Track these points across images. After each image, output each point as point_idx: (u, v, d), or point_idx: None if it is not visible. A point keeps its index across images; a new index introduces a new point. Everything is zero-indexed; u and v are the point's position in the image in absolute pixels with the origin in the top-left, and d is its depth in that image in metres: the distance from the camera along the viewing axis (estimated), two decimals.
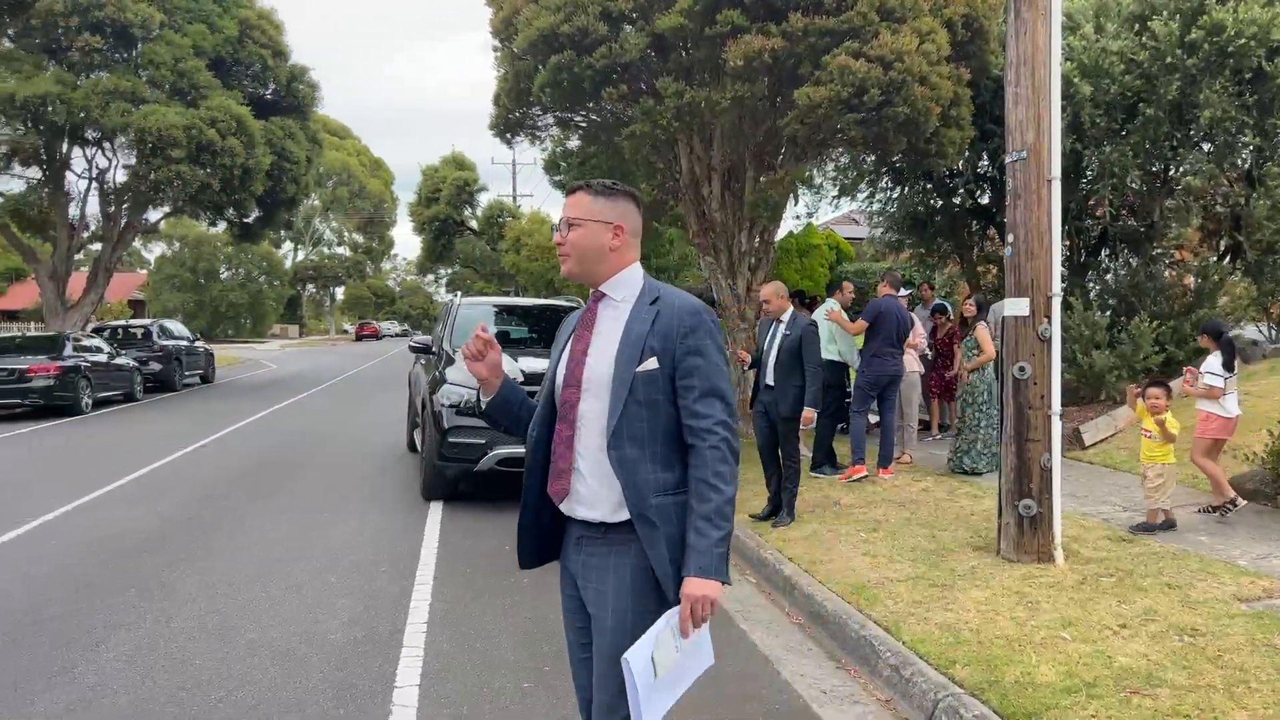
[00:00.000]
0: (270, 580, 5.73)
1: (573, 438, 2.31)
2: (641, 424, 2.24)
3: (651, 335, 2.26)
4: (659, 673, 2.18)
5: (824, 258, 29.80)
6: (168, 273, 58.14)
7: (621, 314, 2.33)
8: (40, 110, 18.55)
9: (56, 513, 7.73)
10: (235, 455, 10.95)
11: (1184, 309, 11.25)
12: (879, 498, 7.51)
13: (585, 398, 2.30)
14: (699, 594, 2.16)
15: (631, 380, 2.24)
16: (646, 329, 2.26)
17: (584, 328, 2.38)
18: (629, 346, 2.27)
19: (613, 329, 2.32)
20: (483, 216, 39.95)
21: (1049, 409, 5.56)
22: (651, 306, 2.31)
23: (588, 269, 2.37)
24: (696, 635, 2.23)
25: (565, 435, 2.32)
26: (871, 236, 15.11)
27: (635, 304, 2.34)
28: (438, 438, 7.67)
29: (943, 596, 4.95)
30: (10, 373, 15.39)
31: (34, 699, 3.92)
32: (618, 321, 2.33)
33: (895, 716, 3.92)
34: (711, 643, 2.30)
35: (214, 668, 4.27)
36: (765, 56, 7.99)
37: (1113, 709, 3.50)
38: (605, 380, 2.28)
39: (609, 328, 2.33)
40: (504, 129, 10.39)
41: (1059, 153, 5.62)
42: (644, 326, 2.27)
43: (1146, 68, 10.08)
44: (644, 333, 2.26)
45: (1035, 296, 5.57)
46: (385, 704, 3.86)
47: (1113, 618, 4.52)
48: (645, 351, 2.25)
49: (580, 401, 2.31)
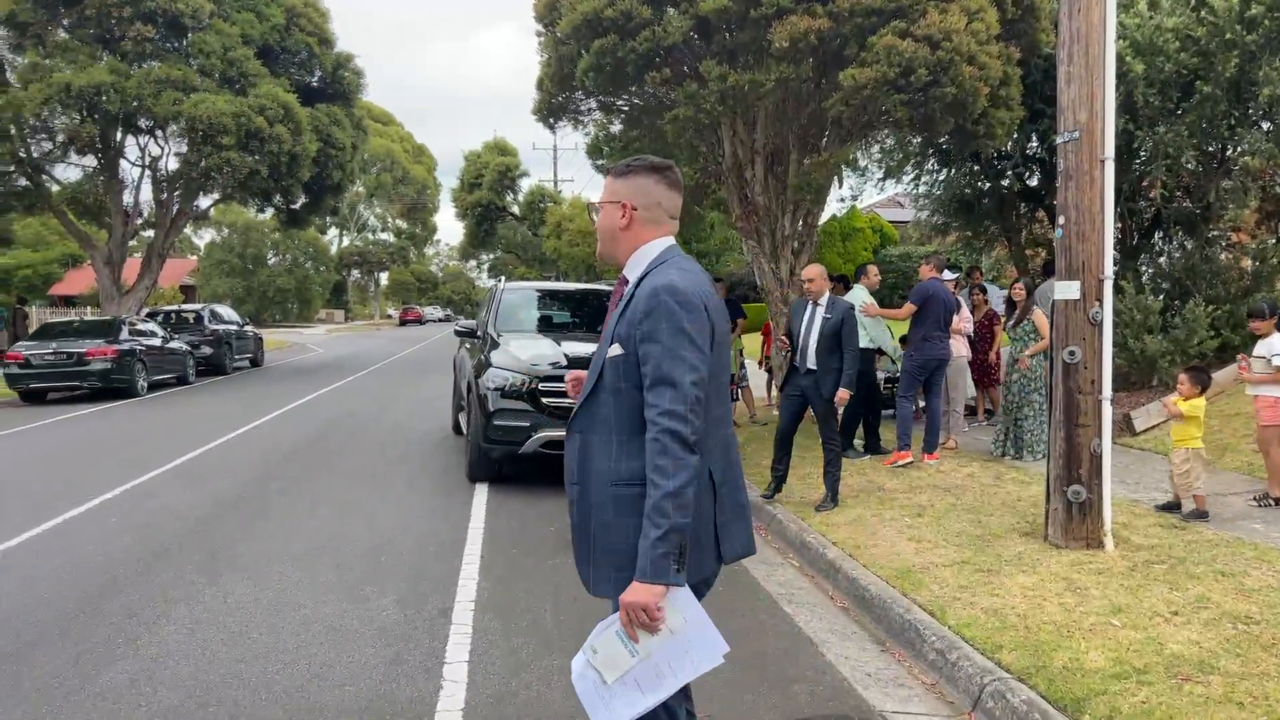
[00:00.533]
0: (321, 559, 5.86)
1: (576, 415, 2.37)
2: (606, 410, 2.22)
3: (620, 321, 2.23)
4: (608, 677, 2.14)
5: (867, 241, 29.55)
6: (217, 258, 59.26)
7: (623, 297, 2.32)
8: (95, 100, 18.97)
9: (116, 491, 7.97)
10: (285, 437, 11.18)
11: (1240, 293, 10.98)
12: (924, 483, 7.46)
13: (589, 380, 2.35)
14: (631, 599, 2.08)
15: (601, 366, 2.24)
16: (619, 314, 2.25)
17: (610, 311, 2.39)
18: (606, 333, 2.29)
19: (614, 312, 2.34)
20: (524, 202, 40.14)
21: (1099, 394, 5.47)
22: (635, 289, 2.26)
23: (608, 250, 2.39)
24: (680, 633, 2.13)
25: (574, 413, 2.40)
26: (917, 220, 14.92)
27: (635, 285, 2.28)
28: (483, 421, 7.77)
29: (989, 582, 4.92)
30: (69, 356, 15.85)
31: (100, 670, 4.07)
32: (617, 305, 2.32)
33: (941, 700, 3.92)
34: (718, 634, 2.19)
35: (270, 641, 4.39)
36: (811, 37, 7.91)
37: (1163, 695, 3.47)
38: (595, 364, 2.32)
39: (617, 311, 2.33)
40: (547, 113, 10.42)
41: (1113, 133, 5.50)
42: (618, 311, 2.26)
43: (1204, 44, 9.81)
44: (615, 318, 2.26)
45: (1086, 279, 5.48)
46: (436, 679, 3.95)
47: (1164, 605, 4.46)
48: (613, 338, 2.24)
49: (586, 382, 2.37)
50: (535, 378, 7.66)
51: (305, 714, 3.62)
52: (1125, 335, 10.07)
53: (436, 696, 3.78)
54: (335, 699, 3.76)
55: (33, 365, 15.73)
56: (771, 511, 6.84)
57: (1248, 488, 7.06)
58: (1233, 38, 9.57)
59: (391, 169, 67.55)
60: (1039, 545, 5.59)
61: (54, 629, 4.60)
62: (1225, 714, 3.31)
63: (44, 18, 19.56)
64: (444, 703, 3.72)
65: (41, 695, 3.81)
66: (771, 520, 6.77)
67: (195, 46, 20.45)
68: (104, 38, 20.11)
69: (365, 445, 10.50)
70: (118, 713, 3.64)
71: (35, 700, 3.76)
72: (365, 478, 8.55)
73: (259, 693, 3.81)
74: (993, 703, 3.67)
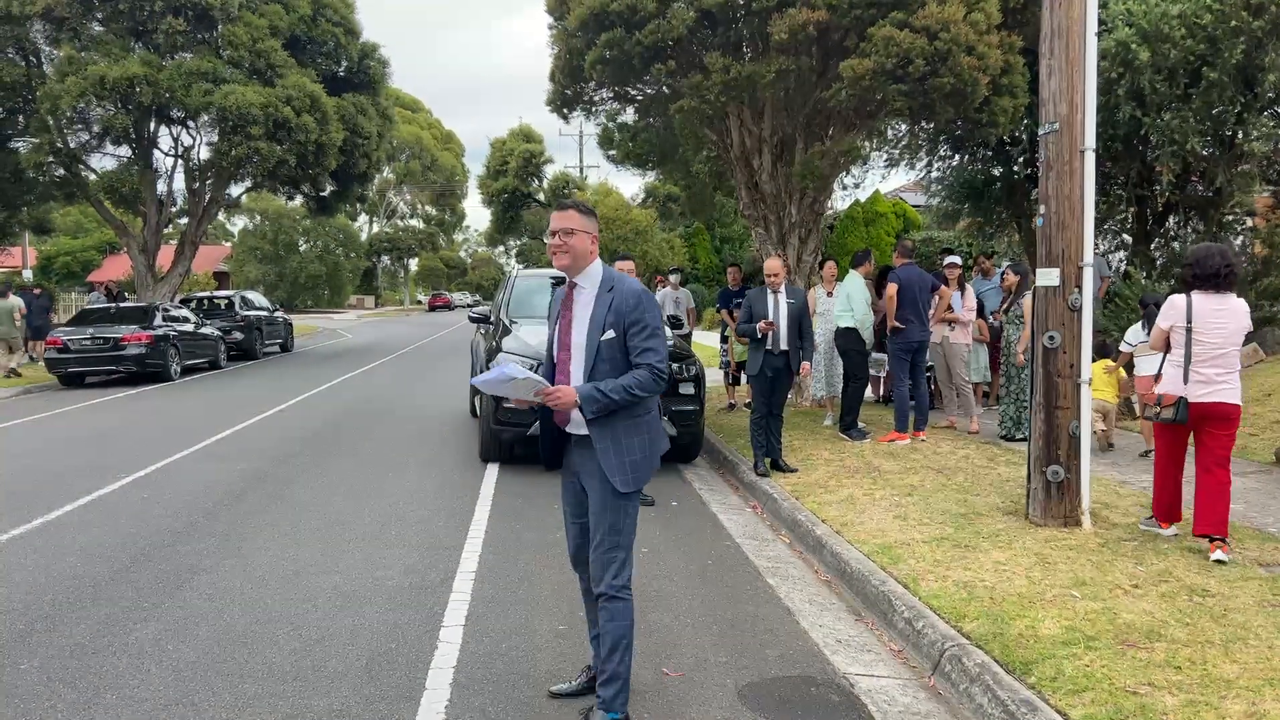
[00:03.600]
0: (336, 531, 6.22)
1: (566, 384, 3.40)
2: (607, 374, 3.34)
3: (609, 314, 3.36)
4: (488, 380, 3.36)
5: (890, 226, 29.47)
6: (251, 245, 60.18)
7: (589, 299, 3.43)
8: (129, 92, 19.47)
9: (149, 469, 8.40)
10: (309, 419, 11.59)
11: (1251, 277, 11.02)
12: (919, 464, 7.67)
13: (572, 356, 3.44)
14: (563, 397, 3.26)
15: (597, 346, 3.37)
16: (605, 310, 3.37)
17: (565, 308, 3.50)
18: (595, 324, 3.38)
19: (584, 309, 3.43)
20: (549, 188, 40.41)
21: (1078, 378, 5.67)
22: (609, 294, 3.38)
23: (577, 264, 3.42)
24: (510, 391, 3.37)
25: (562, 382, 3.44)
26: (929, 205, 15.01)
27: (597, 291, 3.42)
28: (493, 404, 8.08)
29: (964, 557, 5.15)
30: (106, 341, 16.40)
31: (130, 629, 4.44)
32: (587, 304, 3.42)
33: (904, 665, 4.17)
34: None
35: (282, 607, 4.73)
36: (810, 29, 8.09)
37: (1106, 659, 3.69)
38: (582, 346, 3.42)
39: (582, 308, 3.44)
40: (560, 104, 10.68)
41: (1093, 124, 5.66)
42: (603, 309, 3.38)
43: (1211, 30, 9.84)
44: (603, 313, 3.37)
45: (1066, 267, 5.66)
46: (432, 640, 4.27)
47: (1126, 578, 4.67)
48: (605, 326, 3.36)
49: (570, 360, 3.45)
50: (543, 362, 7.93)
51: (310, 670, 3.95)
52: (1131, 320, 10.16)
53: (431, 655, 4.09)
54: (339, 657, 4.09)
55: (70, 350, 16.30)
56: (767, 490, 7.10)
57: (1237, 470, 7.20)
58: (1239, 24, 9.61)
59: (420, 156, 68.04)
60: (1019, 524, 5.80)
61: (87, 595, 4.98)
62: (1162, 676, 3.53)
63: (79, 11, 20.09)
64: (437, 660, 4.04)
65: (75, 651, 4.18)
66: (766, 499, 7.03)
67: (224, 38, 20.89)
68: (136, 30, 20.63)
69: (385, 427, 10.88)
70: (142, 666, 4.00)
71: (71, 654, 4.13)
72: (383, 457, 8.91)
73: (268, 651, 4.15)
74: (950, 666, 3.92)
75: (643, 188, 36.51)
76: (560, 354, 3.48)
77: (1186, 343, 5.08)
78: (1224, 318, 5.06)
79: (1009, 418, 8.75)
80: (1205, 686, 3.43)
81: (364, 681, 3.83)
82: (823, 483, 7.16)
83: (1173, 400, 5.10)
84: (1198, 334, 5.05)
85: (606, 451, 3.34)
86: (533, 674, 3.91)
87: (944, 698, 3.81)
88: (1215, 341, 5.03)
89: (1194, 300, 5.11)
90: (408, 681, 3.83)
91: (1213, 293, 5.10)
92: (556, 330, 3.53)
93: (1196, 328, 5.06)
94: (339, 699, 3.67)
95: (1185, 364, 5.07)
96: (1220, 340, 5.04)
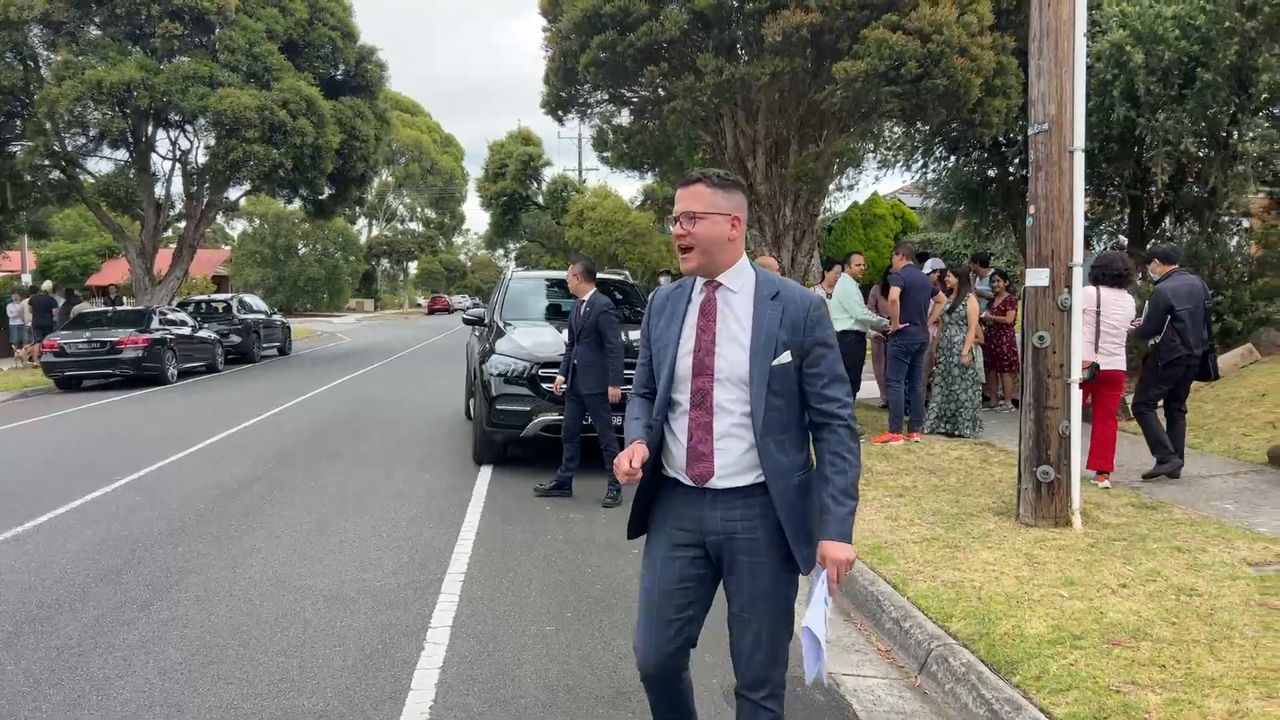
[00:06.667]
0: (328, 533, 6.22)
1: (710, 423, 2.44)
2: (778, 414, 2.41)
3: (782, 330, 2.40)
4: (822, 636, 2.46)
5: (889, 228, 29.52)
6: (249, 248, 60.23)
7: (744, 305, 2.45)
8: (126, 95, 19.49)
9: (143, 472, 8.40)
10: (304, 422, 11.59)
11: (1244, 277, 11.03)
12: (911, 465, 7.67)
13: (719, 387, 2.43)
14: (844, 557, 2.37)
15: (768, 374, 2.39)
16: (776, 325, 2.41)
17: (706, 317, 2.46)
18: (762, 341, 2.41)
19: (738, 321, 2.44)
20: (547, 191, 40.45)
21: (1067, 377, 5.67)
22: (775, 301, 2.43)
23: (711, 261, 2.44)
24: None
25: (704, 421, 2.44)
26: (926, 207, 15.03)
27: (755, 296, 2.45)
28: (486, 405, 8.09)
29: (953, 557, 5.15)
30: (103, 345, 16.41)
31: (117, 632, 4.44)
32: (742, 313, 2.44)
33: (892, 665, 4.17)
34: None
35: (270, 609, 4.73)
36: (804, 31, 8.11)
37: (1091, 658, 3.69)
38: (742, 372, 2.41)
39: (734, 319, 2.45)
40: (555, 106, 10.70)
41: (1082, 125, 5.67)
42: (774, 323, 2.41)
43: (1205, 31, 9.85)
44: (775, 329, 2.40)
45: (1055, 267, 5.66)
46: (419, 640, 4.27)
47: (1114, 578, 4.67)
48: (779, 346, 2.40)
49: (714, 390, 2.43)
50: (536, 364, 7.96)
51: (296, 672, 3.95)
52: None
53: (418, 656, 4.09)
54: (327, 658, 4.09)
55: (67, 354, 16.31)
56: None
57: (1229, 470, 7.21)
58: (1233, 25, 9.60)
59: (420, 159, 68.13)
60: (1010, 524, 5.80)
61: (75, 597, 4.98)
62: (1146, 675, 3.53)
63: (76, 16, 20.12)
64: (423, 661, 4.03)
65: (62, 652, 4.18)
66: None
67: (221, 42, 20.92)
68: (134, 34, 20.66)
69: (380, 429, 10.88)
70: (130, 668, 4.00)
71: (57, 656, 4.13)
72: (377, 460, 8.91)
73: (255, 653, 4.15)
74: (936, 666, 3.92)
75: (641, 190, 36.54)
76: (697, 382, 2.45)
77: (1096, 324, 6.56)
78: (1123, 306, 6.69)
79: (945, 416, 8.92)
80: (1189, 685, 3.42)
81: (350, 683, 3.83)
82: None
83: (1088, 365, 6.29)
84: (1103, 317, 6.60)
85: (794, 513, 2.43)
86: (519, 675, 3.91)
87: (930, 697, 3.81)
88: (1115, 323, 6.63)
89: (1101, 292, 6.63)
90: (393, 682, 3.83)
91: (1115, 288, 6.69)
92: (684, 345, 2.48)
93: (1104, 313, 6.60)
94: (323, 700, 3.67)
95: (1095, 339, 6.58)
96: (1118, 323, 6.65)
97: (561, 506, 6.94)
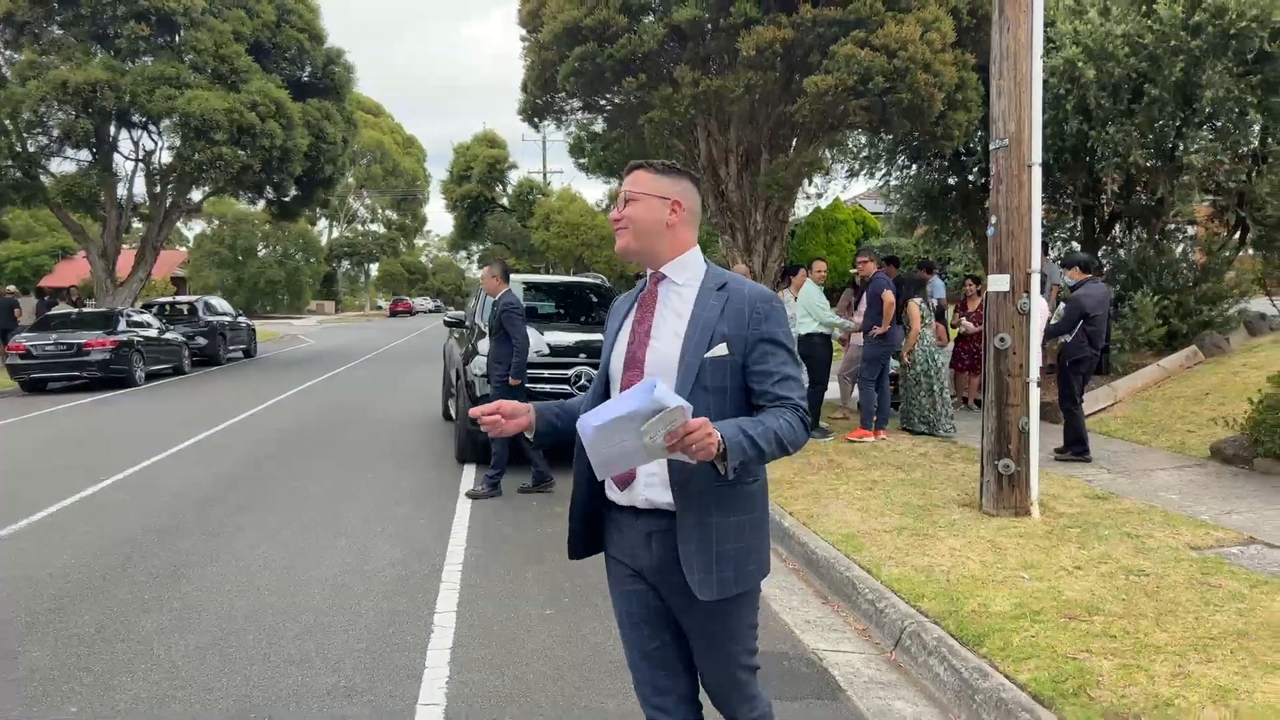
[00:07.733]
0: (323, 528, 6.43)
1: None
2: (707, 412, 2.06)
3: (721, 321, 2.18)
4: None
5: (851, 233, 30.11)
6: (208, 250, 59.50)
7: (685, 298, 2.25)
8: (91, 96, 19.36)
9: (127, 472, 8.51)
10: (283, 422, 11.71)
11: (1189, 283, 11.61)
12: (879, 460, 8.05)
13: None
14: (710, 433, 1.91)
15: (700, 366, 2.15)
16: (716, 315, 2.19)
17: (644, 309, 2.29)
18: (697, 331, 2.18)
19: (676, 312, 2.24)
20: (513, 194, 40.55)
21: (1026, 376, 6.06)
22: (719, 292, 2.23)
23: (647, 246, 2.26)
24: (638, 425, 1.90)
25: None
26: (888, 213, 15.51)
27: (700, 288, 2.25)
28: (470, 405, 8.32)
29: (922, 544, 5.51)
30: (70, 347, 16.32)
31: (133, 621, 4.63)
32: (682, 305, 2.24)
33: (868, 641, 4.50)
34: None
35: (278, 599, 4.95)
36: (776, 46, 8.47)
37: (1050, 631, 4.06)
38: (670, 364, 2.18)
39: (672, 311, 2.25)
40: (531, 113, 10.96)
41: (1039, 141, 6.07)
42: (713, 313, 2.19)
43: (1152, 49, 10.39)
44: (713, 319, 2.18)
45: (1015, 273, 6.06)
46: (428, 624, 4.52)
47: (1070, 561, 5.06)
48: (715, 337, 2.17)
49: None
50: None
51: (314, 654, 4.18)
52: None
53: (428, 638, 4.35)
54: (340, 642, 4.32)
55: (34, 356, 16.19)
56: None
57: (1175, 464, 7.68)
58: (1179, 44, 10.15)
59: (382, 160, 67.79)
60: (974, 514, 6.18)
61: (86, 590, 5.15)
62: (1099, 645, 3.90)
63: (40, 15, 19.94)
64: (434, 642, 4.29)
65: (84, 640, 4.37)
66: None
67: (188, 44, 20.84)
68: (99, 35, 20.51)
69: (359, 430, 11.04)
70: (153, 652, 4.20)
71: (79, 643, 4.32)
72: (360, 459, 9.10)
73: (271, 638, 4.38)
74: (910, 641, 4.26)
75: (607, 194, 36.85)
76: (626, 376, 2.24)
77: None
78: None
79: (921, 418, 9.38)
80: (1137, 652, 3.80)
81: (368, 662, 4.08)
82: (789, 479, 7.50)
83: None
84: None
85: (689, 538, 2.16)
86: (525, 653, 4.18)
87: (904, 669, 4.15)
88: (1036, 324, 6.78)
89: None
90: (408, 661, 4.08)
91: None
92: (619, 341, 2.31)
93: None
94: (344, 677, 3.91)
95: None
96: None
97: (545, 502, 7.21)
